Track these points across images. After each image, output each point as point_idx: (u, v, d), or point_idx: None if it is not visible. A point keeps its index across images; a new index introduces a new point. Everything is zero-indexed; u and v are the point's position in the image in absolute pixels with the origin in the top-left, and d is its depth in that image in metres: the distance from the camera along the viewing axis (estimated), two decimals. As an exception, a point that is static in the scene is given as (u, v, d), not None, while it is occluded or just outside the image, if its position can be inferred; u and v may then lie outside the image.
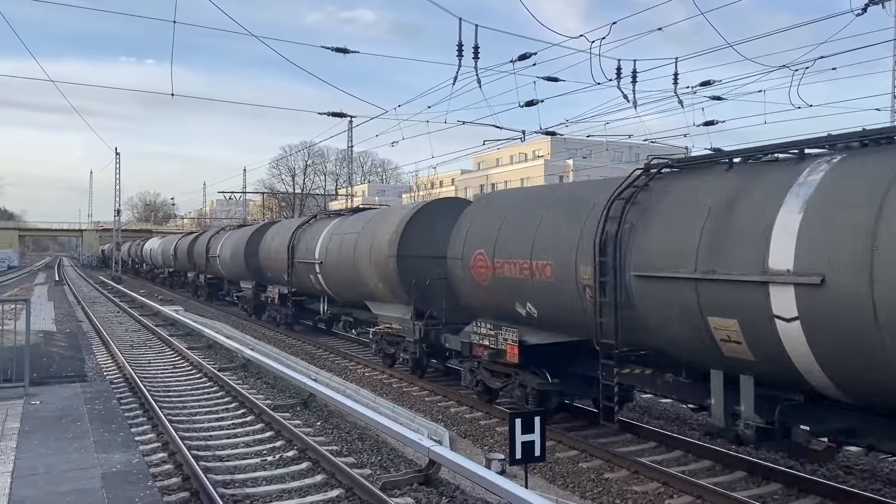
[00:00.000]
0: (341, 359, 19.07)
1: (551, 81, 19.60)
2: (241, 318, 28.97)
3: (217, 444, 10.46)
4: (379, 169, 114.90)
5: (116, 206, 65.71)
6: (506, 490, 7.16)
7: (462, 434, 11.47)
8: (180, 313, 27.50)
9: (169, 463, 9.26)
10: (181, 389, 14.58)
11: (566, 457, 10.02)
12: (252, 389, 14.34)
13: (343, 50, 17.83)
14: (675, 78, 17.91)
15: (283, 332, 24.14)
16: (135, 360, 17.57)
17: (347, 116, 26.94)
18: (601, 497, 8.53)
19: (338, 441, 10.68)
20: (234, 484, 8.57)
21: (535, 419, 7.95)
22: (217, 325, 25.12)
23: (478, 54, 15.52)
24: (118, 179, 64.41)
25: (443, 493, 8.30)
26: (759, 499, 8.21)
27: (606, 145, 67.67)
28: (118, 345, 19.80)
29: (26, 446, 8.00)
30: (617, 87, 17.17)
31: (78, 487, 6.67)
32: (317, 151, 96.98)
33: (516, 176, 69.11)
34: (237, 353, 17.76)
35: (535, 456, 7.96)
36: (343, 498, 8.09)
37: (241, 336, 22.20)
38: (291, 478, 8.87)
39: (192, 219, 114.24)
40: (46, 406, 10.06)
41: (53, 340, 19.87)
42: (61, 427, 8.87)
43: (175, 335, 22.71)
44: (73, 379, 13.54)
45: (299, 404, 13.03)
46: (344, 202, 61.73)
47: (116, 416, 9.70)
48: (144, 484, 6.83)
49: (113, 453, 7.80)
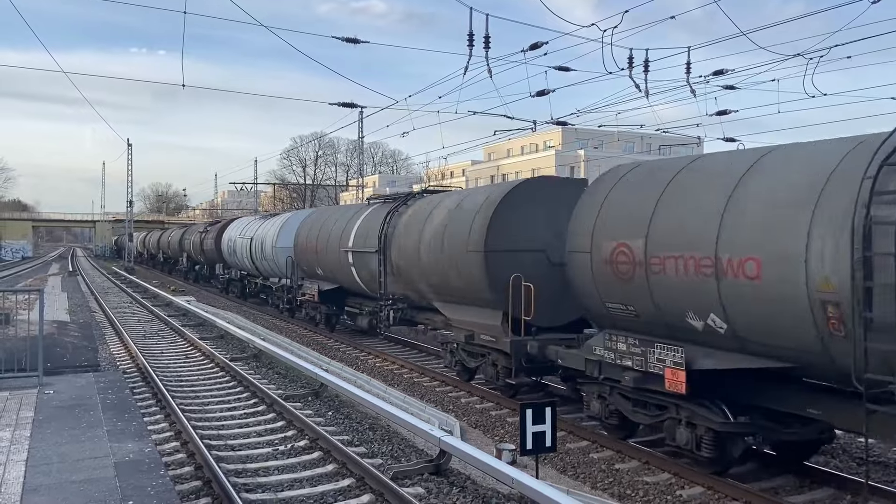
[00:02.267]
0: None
1: (563, 71, 19.46)
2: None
3: (229, 433, 10.51)
4: (389, 160, 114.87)
5: (129, 196, 66.15)
6: (516, 480, 7.16)
7: (473, 424, 11.47)
8: (192, 303, 27.68)
9: (181, 452, 9.32)
10: (193, 379, 14.66)
11: (577, 447, 10.01)
12: (263, 379, 14.40)
13: (354, 40, 17.79)
14: (687, 67, 17.71)
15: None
16: (147, 350, 17.68)
17: (358, 107, 26.98)
18: (612, 487, 8.51)
19: (349, 431, 10.71)
20: (245, 473, 8.61)
21: (546, 410, 7.93)
22: (229, 315, 25.26)
23: (489, 44, 15.41)
24: (130, 170, 64.81)
25: (453, 483, 8.31)
26: (771, 490, 8.18)
27: (618, 135, 67.43)
28: (131, 335, 19.93)
29: (40, 435, 8.06)
30: (629, 76, 17.01)
31: (91, 476, 6.71)
32: (327, 142, 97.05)
33: (527, 167, 68.86)
34: (248, 343, 17.86)
35: (546, 446, 7.95)
36: (354, 487, 8.11)
37: (253, 326, 22.31)
38: (303, 467, 8.90)
39: (203, 209, 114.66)
40: (60, 395, 10.13)
41: (67, 330, 20.03)
42: (75, 416, 8.93)
43: (187, 325, 22.84)
44: (86, 368, 13.64)
45: (310, 394, 13.08)
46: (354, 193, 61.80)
47: (129, 406, 9.76)
48: (157, 473, 6.87)
49: (126, 442, 7.85)
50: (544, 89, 20.04)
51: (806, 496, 8.11)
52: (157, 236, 66.33)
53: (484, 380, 13.51)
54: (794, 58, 16.45)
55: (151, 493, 6.32)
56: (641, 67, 17.24)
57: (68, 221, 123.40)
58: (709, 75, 19.30)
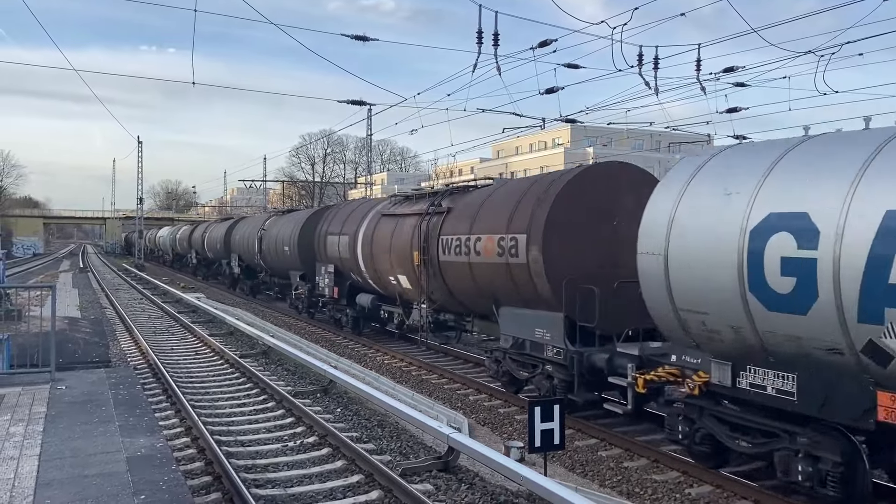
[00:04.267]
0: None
1: (572, 68, 19.44)
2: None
3: (239, 429, 10.58)
4: (398, 157, 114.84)
5: (139, 194, 66.38)
6: (525, 477, 7.18)
7: (481, 422, 11.50)
8: (202, 300, 27.81)
9: (192, 447, 9.40)
10: (203, 375, 14.75)
11: (585, 445, 10.02)
12: (273, 376, 14.48)
13: (363, 38, 17.80)
14: (697, 64, 17.66)
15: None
16: (158, 347, 17.79)
17: (366, 104, 26.89)
18: (620, 485, 8.52)
19: (357, 427, 10.76)
20: (255, 469, 8.67)
21: (554, 407, 7.95)
22: (238, 311, 25.37)
23: (498, 41, 15.41)
24: (140, 168, 64.98)
25: (462, 479, 8.34)
26: (780, 489, 8.16)
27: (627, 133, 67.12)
28: (141, 331, 20.05)
29: (53, 430, 8.13)
30: (638, 73, 16.97)
31: (104, 471, 6.77)
32: (336, 140, 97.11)
33: (535, 164, 68.77)
34: (258, 340, 17.94)
35: (555, 444, 7.98)
36: (363, 483, 8.15)
37: (262, 323, 22.40)
38: (312, 463, 8.96)
39: (213, 207, 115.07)
40: (72, 391, 10.21)
41: (78, 327, 20.19)
42: (87, 411, 8.99)
43: (197, 322, 22.96)
44: (97, 364, 13.75)
45: (319, 391, 13.14)
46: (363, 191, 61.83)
47: (140, 402, 9.81)
48: (168, 468, 6.92)
49: (137, 437, 7.91)
50: (553, 87, 20.01)
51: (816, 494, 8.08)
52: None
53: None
54: (805, 55, 16.37)
55: (163, 488, 6.37)
56: (651, 65, 17.20)
57: (79, 218, 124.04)
58: (719, 72, 19.22)
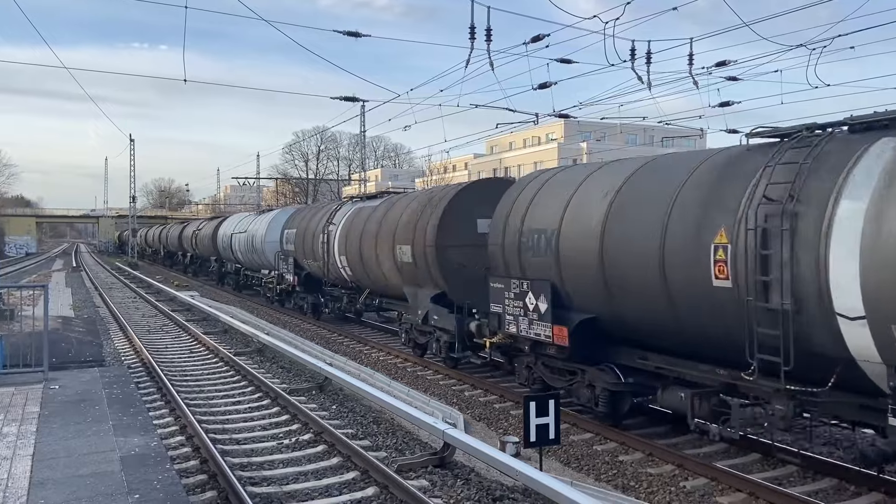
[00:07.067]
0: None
1: (565, 63, 19.37)
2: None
3: (234, 427, 10.56)
4: (392, 153, 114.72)
5: (132, 192, 66.21)
6: (521, 472, 7.18)
7: (476, 417, 11.50)
8: (196, 298, 27.74)
9: (187, 446, 9.37)
10: (198, 374, 14.71)
11: (581, 439, 10.04)
12: (268, 374, 14.45)
13: (355, 34, 17.70)
14: (690, 58, 17.61)
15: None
16: (152, 345, 17.73)
17: (360, 101, 26.76)
18: (616, 479, 8.54)
19: (353, 424, 10.74)
20: (251, 466, 8.65)
21: (549, 402, 7.96)
22: (231, 309, 25.31)
23: (490, 36, 15.34)
24: (133, 166, 64.77)
25: (458, 475, 8.34)
26: (775, 480, 8.19)
27: (621, 128, 67.16)
28: (135, 330, 19.99)
29: (46, 430, 8.10)
30: (631, 68, 16.89)
31: (98, 470, 6.75)
32: (329, 136, 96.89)
33: (530, 160, 68.77)
34: (252, 338, 17.89)
35: (550, 439, 7.99)
36: (359, 480, 8.15)
37: (256, 321, 22.36)
38: (308, 461, 8.94)
39: (206, 205, 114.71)
40: (66, 390, 10.17)
41: (72, 326, 20.11)
42: (80, 411, 8.97)
43: (190, 320, 22.90)
44: (91, 363, 13.70)
45: (314, 388, 13.12)
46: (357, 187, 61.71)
47: (134, 400, 9.79)
48: (163, 467, 6.91)
49: (131, 436, 7.89)
50: (546, 82, 19.93)
51: (809, 486, 8.12)
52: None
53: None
54: (797, 48, 16.36)
55: (158, 487, 6.36)
56: (644, 59, 17.16)
57: (72, 217, 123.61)
58: (711, 66, 19.17)
